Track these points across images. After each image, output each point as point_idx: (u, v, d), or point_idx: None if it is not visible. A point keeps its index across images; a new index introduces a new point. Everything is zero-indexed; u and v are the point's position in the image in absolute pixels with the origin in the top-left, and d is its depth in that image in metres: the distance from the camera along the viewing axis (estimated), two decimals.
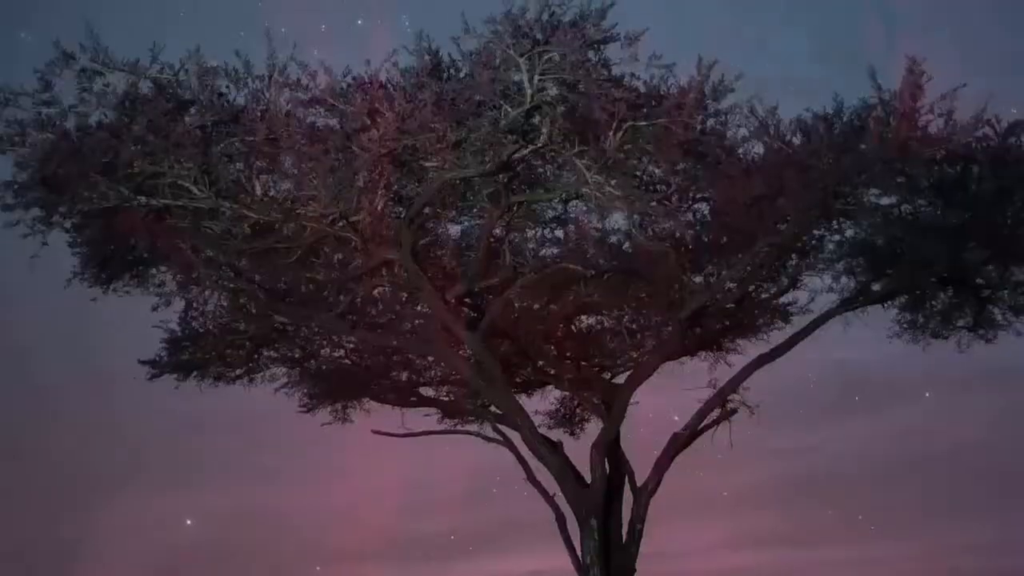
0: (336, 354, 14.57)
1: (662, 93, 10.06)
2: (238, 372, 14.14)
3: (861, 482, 23.56)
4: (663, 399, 15.12)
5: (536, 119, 9.72)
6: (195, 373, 13.73)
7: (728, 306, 13.96)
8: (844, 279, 12.94)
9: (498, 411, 13.34)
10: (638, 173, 11.19)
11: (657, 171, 11.73)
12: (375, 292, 13.48)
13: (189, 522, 21.71)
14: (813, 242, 13.02)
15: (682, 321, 12.74)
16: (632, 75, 9.72)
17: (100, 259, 11.50)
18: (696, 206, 12.68)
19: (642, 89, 9.99)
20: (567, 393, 16.33)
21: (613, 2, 8.98)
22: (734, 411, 13.45)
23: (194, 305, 13.01)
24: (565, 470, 12.33)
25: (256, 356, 14.11)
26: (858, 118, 10.25)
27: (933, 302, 13.51)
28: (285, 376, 14.85)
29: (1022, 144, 11.33)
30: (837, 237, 12.79)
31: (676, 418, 13.82)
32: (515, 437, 13.25)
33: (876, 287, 12.91)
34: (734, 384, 13.10)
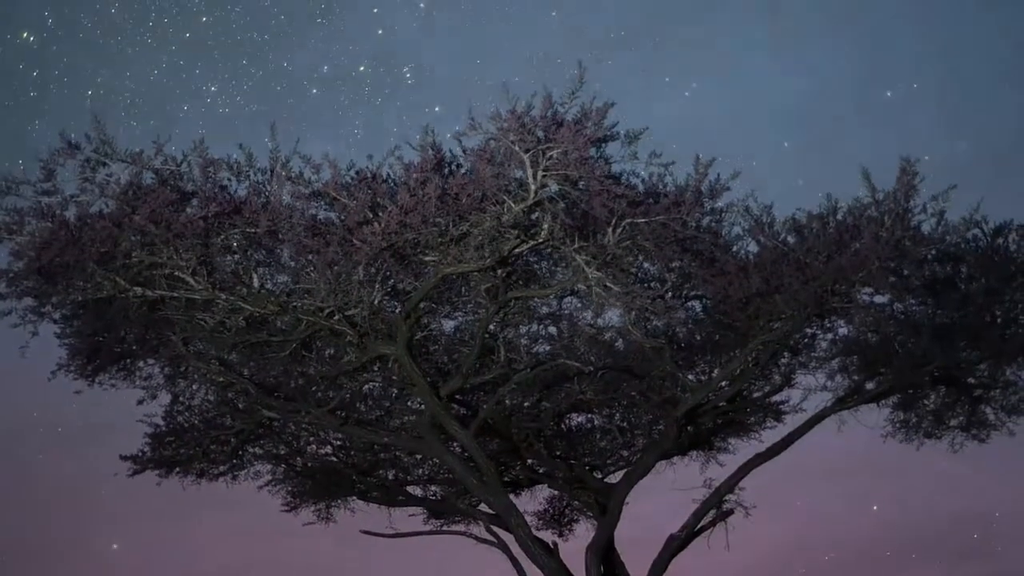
0: (323, 451, 14.26)
1: (661, 191, 10.18)
2: (222, 469, 13.79)
3: None
4: (655, 499, 14.88)
5: (536, 214, 9.80)
6: (178, 469, 13.36)
7: (720, 404, 13.87)
8: (838, 377, 12.93)
9: (490, 511, 12.99)
10: (633, 270, 11.25)
11: (652, 268, 11.84)
12: (365, 388, 13.30)
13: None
14: (805, 340, 13.08)
15: (678, 419, 12.61)
16: (632, 173, 9.88)
17: (88, 350, 11.29)
18: (689, 303, 12.78)
19: (641, 187, 10.13)
20: (557, 493, 16.04)
21: (614, 102, 9.19)
22: (730, 512, 13.23)
23: (180, 399, 12.76)
24: (562, 574, 11.95)
25: (241, 452, 13.78)
26: (852, 217, 10.38)
27: (926, 401, 13.52)
28: (269, 473, 14.51)
29: (1010, 245, 11.56)
30: (830, 335, 12.88)
31: (670, 519, 13.58)
32: (507, 538, 12.88)
33: (870, 386, 12.92)
34: (730, 484, 12.92)
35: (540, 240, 9.78)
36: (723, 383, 12.92)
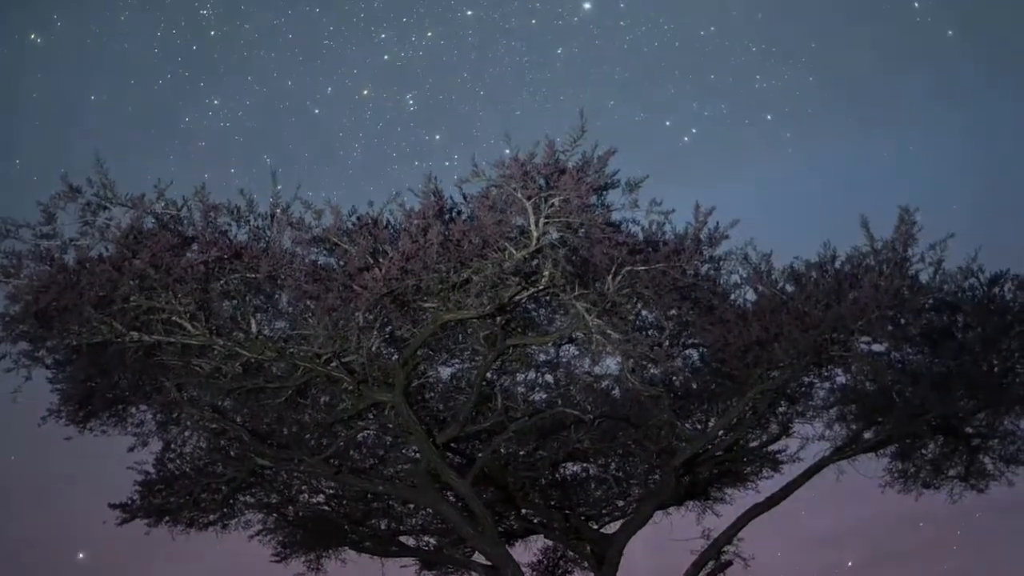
0: (315, 499, 14.04)
1: (661, 239, 10.21)
2: (212, 518, 13.54)
3: None
4: (652, 550, 14.71)
5: (536, 261, 9.79)
6: (167, 518, 13.10)
7: (718, 454, 13.78)
8: (836, 427, 12.89)
9: (486, 562, 12.78)
10: (631, 317, 11.22)
11: (650, 316, 11.83)
12: (360, 436, 13.15)
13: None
14: (803, 389, 13.05)
15: (676, 469, 12.50)
16: (632, 221, 9.91)
17: (81, 396, 11.13)
18: (687, 352, 12.75)
19: (641, 234, 10.16)
20: (552, 543, 15.81)
21: (615, 150, 9.24)
22: (729, 563, 13.07)
23: (172, 446, 12.55)
24: None
25: (232, 501, 13.54)
26: (851, 266, 10.42)
27: (924, 451, 13.47)
28: (260, 523, 14.26)
29: (1005, 294, 11.62)
30: (827, 384, 12.85)
31: (668, 570, 13.40)
32: None
33: (868, 435, 12.87)
34: (729, 534, 12.78)
35: (540, 287, 9.76)
36: (721, 432, 12.84)
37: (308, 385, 11.38)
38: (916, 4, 29.86)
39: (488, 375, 12.09)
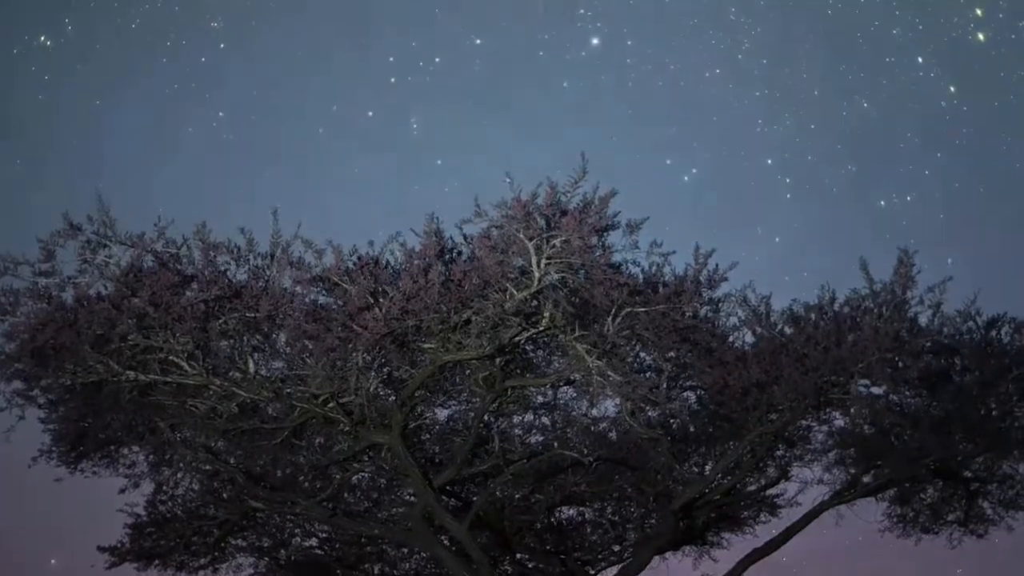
0: (308, 543, 13.83)
1: (661, 280, 10.21)
2: (202, 561, 13.30)
3: None
4: None
5: (536, 302, 9.76)
6: (157, 562, 12.86)
7: (716, 498, 13.66)
8: (835, 470, 12.81)
9: None
10: (630, 359, 11.19)
11: (648, 357, 11.78)
12: (354, 478, 13.00)
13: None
14: (800, 432, 12.99)
15: (675, 513, 12.37)
16: (633, 262, 9.91)
17: (73, 436, 10.98)
18: (684, 394, 12.69)
19: (641, 276, 10.16)
20: None
21: (616, 191, 9.27)
22: None
23: (164, 488, 12.37)
24: None
25: (223, 545, 13.32)
26: (850, 308, 10.43)
27: (923, 495, 13.39)
28: (252, 567, 14.01)
29: (1003, 337, 11.65)
30: (825, 427, 12.80)
31: None
32: None
33: (867, 479, 12.78)
34: None
35: (541, 328, 9.72)
36: (719, 476, 12.74)
37: (304, 426, 11.27)
38: (919, 59, 30.37)
39: (485, 417, 12.01)
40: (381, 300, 9.19)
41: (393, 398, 11.04)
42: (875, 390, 11.71)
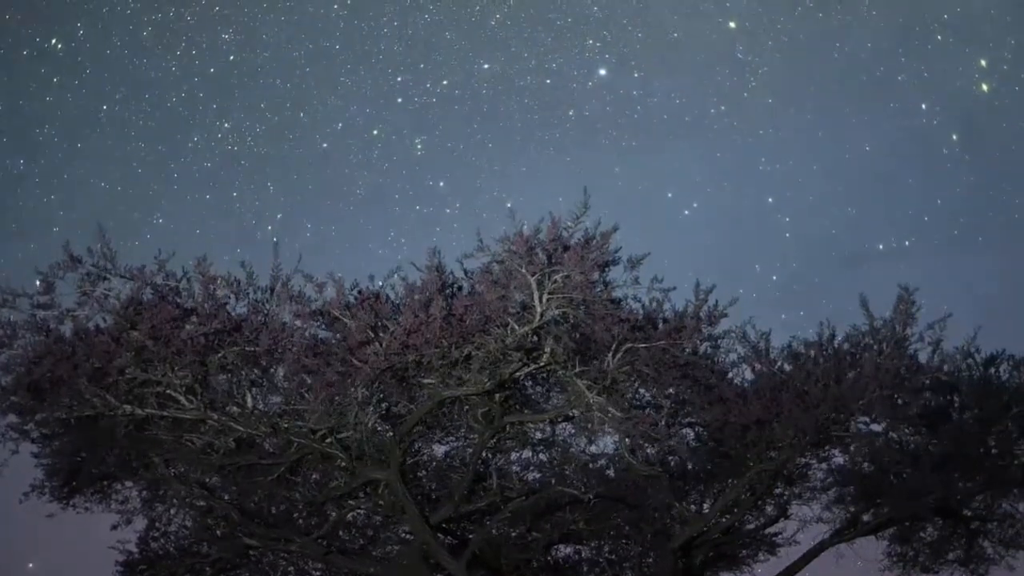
0: None
1: (661, 316, 10.20)
2: None
3: None
4: None
5: (537, 337, 9.73)
6: None
7: (714, 536, 13.53)
8: (835, 509, 12.72)
9: None
10: (629, 395, 11.14)
11: (647, 394, 11.72)
12: (350, 515, 12.83)
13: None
14: (799, 470, 12.92)
15: (673, 551, 12.24)
16: (634, 298, 9.91)
17: (66, 471, 10.83)
18: (684, 431, 12.62)
19: (641, 312, 10.14)
20: None
21: (617, 227, 9.28)
22: None
23: (157, 524, 12.18)
24: None
25: None
26: (850, 344, 10.44)
27: (923, 534, 13.30)
28: None
29: (1002, 375, 11.66)
30: (824, 465, 12.74)
31: None
32: None
33: (867, 517, 12.70)
34: None
35: (542, 363, 9.68)
36: (719, 514, 12.63)
37: (301, 462, 11.14)
38: (923, 106, 30.73)
39: (483, 453, 11.91)
40: (381, 334, 9.14)
41: (391, 434, 10.95)
42: (875, 427, 11.71)
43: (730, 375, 11.34)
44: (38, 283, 8.32)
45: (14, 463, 9.82)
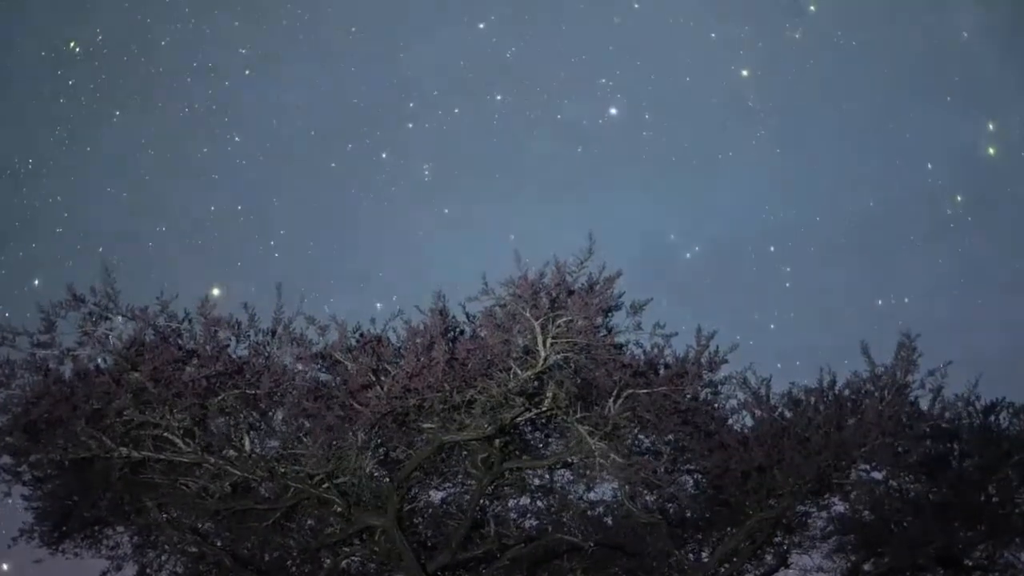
0: None
1: (662, 361, 10.16)
2: None
3: None
4: None
5: (539, 382, 9.67)
6: None
7: None
8: (835, 558, 12.59)
9: None
10: (628, 441, 11.06)
11: (646, 440, 11.64)
12: (344, 563, 12.61)
13: None
14: (799, 518, 12.81)
15: None
16: (636, 343, 9.88)
17: (58, 515, 10.63)
18: (683, 477, 12.51)
19: (643, 357, 10.11)
20: None
21: (621, 272, 9.29)
22: None
23: (147, 571, 11.93)
24: None
25: None
26: (851, 391, 10.41)
27: None
28: None
29: (1002, 422, 11.64)
30: (824, 513, 12.64)
31: None
32: None
33: (867, 567, 12.58)
34: None
35: (544, 408, 9.62)
36: (718, 563, 12.48)
37: (296, 508, 10.98)
38: (929, 164, 31.10)
39: (481, 500, 11.77)
40: (383, 378, 9.09)
41: (388, 479, 10.82)
42: (875, 475, 11.65)
43: (730, 421, 11.28)
44: (39, 321, 8.23)
45: (2, 507, 9.64)
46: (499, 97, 31.37)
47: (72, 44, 28.87)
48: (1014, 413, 11.57)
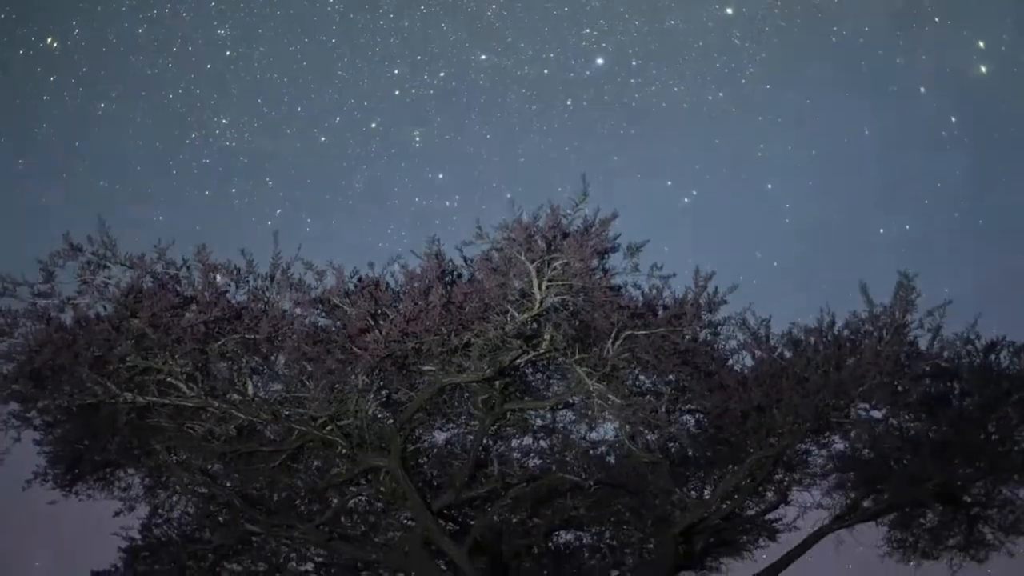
0: (304, 568, 13.65)
1: (660, 303, 10.19)
2: None
3: None
4: None
5: (536, 325, 9.73)
6: None
7: (715, 523, 13.56)
8: (835, 495, 12.74)
9: None
10: (629, 382, 11.14)
11: (647, 381, 11.73)
12: (351, 502, 12.88)
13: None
14: (799, 456, 12.94)
15: (674, 537, 12.28)
16: (633, 285, 9.90)
17: (69, 458, 10.88)
18: (684, 417, 12.62)
19: (641, 299, 10.13)
20: None
21: (616, 214, 9.26)
22: None
23: (159, 511, 12.24)
24: None
25: (218, 570, 13.15)
26: (850, 331, 10.42)
27: (923, 520, 13.32)
28: None
29: (1002, 361, 11.64)
30: (824, 451, 12.76)
31: None
32: None
33: (867, 503, 12.73)
34: None
35: (541, 350, 9.69)
36: (719, 500, 12.65)
37: (302, 449, 11.19)
38: (922, 89, 30.59)
39: (484, 440, 11.94)
40: (381, 322, 9.16)
41: (392, 421, 10.97)
42: (875, 414, 11.72)
43: (730, 362, 11.34)
44: (38, 272, 8.31)
45: (15, 452, 9.85)
46: (483, 57, 31.05)
47: (50, 40, 28.54)
48: (1015, 352, 11.56)
